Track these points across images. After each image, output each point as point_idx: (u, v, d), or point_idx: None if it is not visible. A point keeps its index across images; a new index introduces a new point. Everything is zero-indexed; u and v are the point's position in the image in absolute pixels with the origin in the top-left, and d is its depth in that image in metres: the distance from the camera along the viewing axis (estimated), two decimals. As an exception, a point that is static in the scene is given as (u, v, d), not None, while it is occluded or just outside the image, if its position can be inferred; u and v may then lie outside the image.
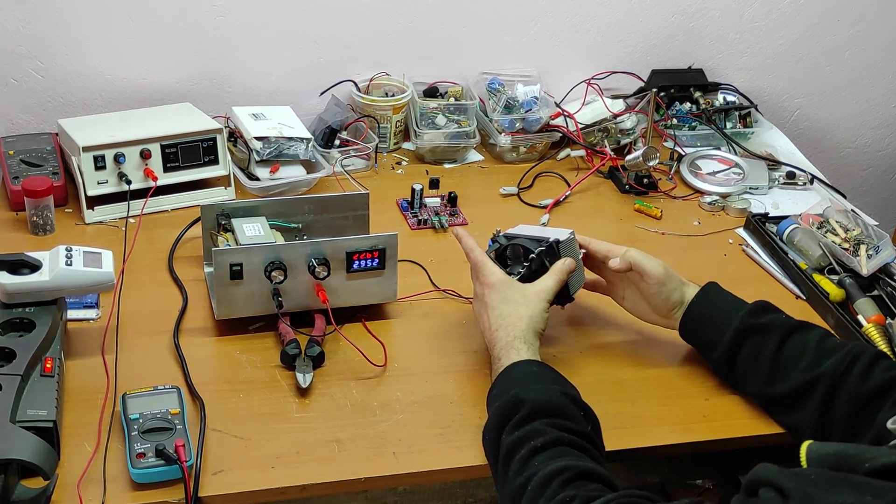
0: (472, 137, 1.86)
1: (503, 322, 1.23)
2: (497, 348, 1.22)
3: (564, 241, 1.32)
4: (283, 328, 1.32)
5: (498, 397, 1.14)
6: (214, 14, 1.80)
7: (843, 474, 0.81)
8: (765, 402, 1.26)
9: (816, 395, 1.18)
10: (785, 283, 1.56)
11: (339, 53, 1.90)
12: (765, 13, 2.08)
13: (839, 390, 1.17)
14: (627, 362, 1.35)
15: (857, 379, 1.16)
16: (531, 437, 1.06)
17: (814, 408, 1.18)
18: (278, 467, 1.13)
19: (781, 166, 1.90)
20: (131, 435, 1.11)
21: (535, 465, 1.03)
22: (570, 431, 1.07)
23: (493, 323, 1.24)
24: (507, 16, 1.95)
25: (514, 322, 1.23)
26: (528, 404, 1.09)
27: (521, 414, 1.09)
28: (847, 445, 0.86)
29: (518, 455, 1.05)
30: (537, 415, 1.08)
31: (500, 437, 1.09)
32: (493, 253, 1.34)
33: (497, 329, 1.23)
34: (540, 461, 1.03)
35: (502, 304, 1.25)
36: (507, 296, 1.26)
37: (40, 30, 1.73)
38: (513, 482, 1.04)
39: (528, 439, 1.06)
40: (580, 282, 1.36)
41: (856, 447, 0.85)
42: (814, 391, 1.19)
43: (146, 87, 1.83)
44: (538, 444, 1.05)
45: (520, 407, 1.09)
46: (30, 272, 1.23)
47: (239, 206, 1.45)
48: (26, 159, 1.64)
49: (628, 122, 1.91)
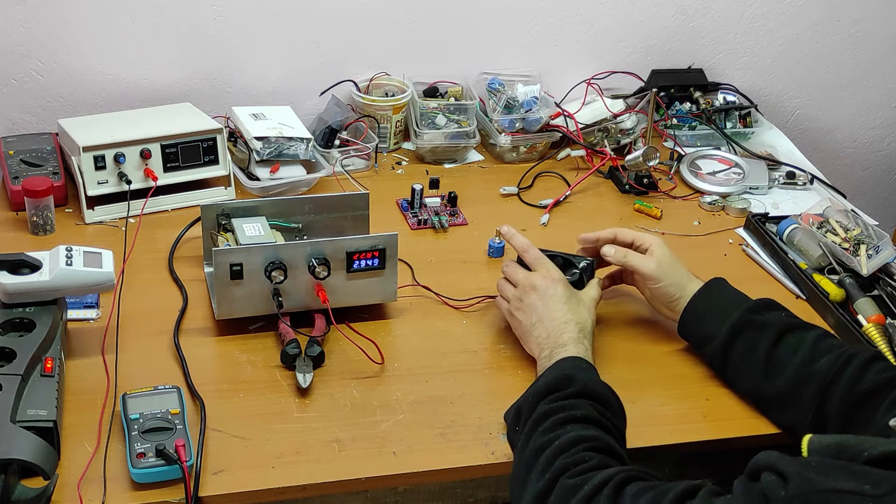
0: (472, 137, 1.86)
1: (574, 318, 1.26)
2: (566, 337, 1.24)
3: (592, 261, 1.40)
4: (283, 328, 1.32)
5: (552, 372, 1.17)
6: (214, 14, 1.80)
7: (843, 462, 0.83)
8: (759, 400, 1.27)
9: (809, 394, 1.19)
10: (785, 283, 1.56)
11: (339, 53, 1.90)
12: (765, 13, 2.08)
13: (833, 390, 1.17)
14: (627, 362, 1.35)
15: (851, 379, 1.16)
16: (572, 408, 1.09)
17: (807, 407, 1.19)
18: (278, 467, 1.13)
19: (781, 166, 1.90)
20: (131, 435, 1.11)
21: (567, 429, 1.06)
22: (608, 420, 1.10)
23: (563, 316, 1.26)
24: (507, 16, 1.95)
25: (583, 321, 1.27)
26: (580, 384, 1.12)
27: (570, 389, 1.12)
28: (848, 437, 0.88)
29: (553, 417, 1.08)
30: (586, 395, 1.12)
31: (539, 402, 1.11)
32: None
33: (568, 322, 1.26)
34: (573, 428, 1.06)
35: (572, 301, 1.29)
36: (574, 293, 1.31)
37: (40, 30, 1.73)
38: (540, 438, 1.06)
39: (569, 409, 1.09)
40: None
41: (856, 438, 0.87)
42: (806, 390, 1.19)
43: (146, 87, 1.83)
44: (577, 414, 1.08)
45: (571, 384, 1.12)
46: (30, 272, 1.23)
47: (239, 206, 1.45)
48: (26, 159, 1.64)
49: (628, 122, 1.91)
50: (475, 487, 1.22)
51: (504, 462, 1.17)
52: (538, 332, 1.27)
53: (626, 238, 1.40)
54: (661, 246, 1.37)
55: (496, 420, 1.22)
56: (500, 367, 1.33)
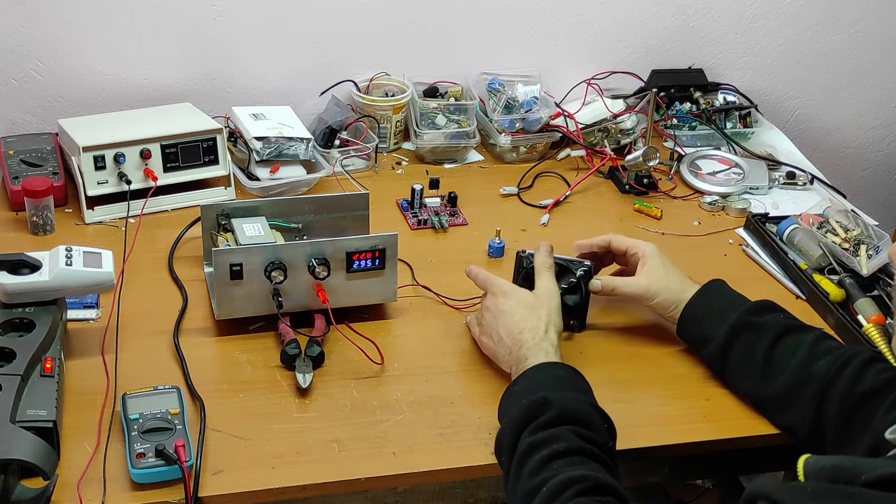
0: (472, 137, 1.86)
1: (527, 325, 1.24)
2: (524, 349, 1.22)
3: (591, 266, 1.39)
4: (283, 328, 1.32)
5: (524, 395, 1.14)
6: (214, 14, 1.80)
7: (839, 486, 0.81)
8: (758, 402, 1.27)
9: (807, 396, 1.18)
10: (785, 284, 1.56)
11: (339, 53, 1.90)
12: (765, 13, 2.08)
13: (831, 391, 1.17)
14: (627, 362, 1.35)
15: (849, 380, 1.16)
16: (554, 441, 1.06)
17: (806, 408, 1.18)
18: (278, 467, 1.13)
19: (781, 166, 1.90)
20: (131, 435, 1.11)
21: (553, 468, 1.03)
22: (592, 443, 1.07)
23: (515, 327, 1.25)
24: (507, 16, 1.95)
25: (536, 323, 1.24)
26: (556, 408, 1.09)
27: (547, 416, 1.09)
28: (843, 458, 0.87)
29: (537, 455, 1.05)
30: (563, 420, 1.09)
31: (521, 435, 1.09)
32: (524, 272, 1.38)
33: (521, 332, 1.24)
34: (559, 466, 1.03)
35: (520, 308, 1.27)
36: (521, 299, 1.28)
37: (40, 30, 1.73)
38: (527, 481, 1.04)
39: (551, 442, 1.06)
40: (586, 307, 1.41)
41: (852, 459, 0.85)
42: (805, 391, 1.19)
43: (146, 87, 1.82)
44: (560, 448, 1.05)
45: (546, 409, 1.10)
46: (30, 272, 1.23)
47: (239, 206, 1.45)
48: (26, 159, 1.64)
49: (628, 122, 1.91)
50: (475, 487, 1.22)
51: (504, 462, 1.17)
52: (502, 351, 1.27)
53: (620, 247, 1.39)
54: (653, 256, 1.36)
55: (496, 420, 1.22)
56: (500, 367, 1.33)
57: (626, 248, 1.39)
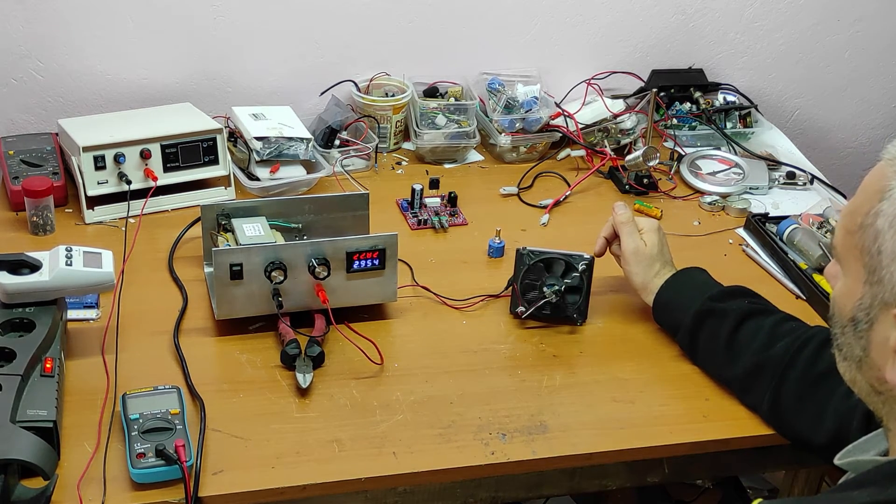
0: (472, 137, 1.86)
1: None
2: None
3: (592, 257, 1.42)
4: (283, 328, 1.32)
5: None
6: (214, 14, 1.80)
7: None
8: (723, 385, 1.30)
9: (766, 378, 1.22)
10: (785, 283, 1.56)
11: (339, 53, 1.90)
12: (765, 13, 2.08)
13: (789, 374, 1.20)
14: (627, 362, 1.36)
15: (806, 361, 1.19)
16: None
17: (764, 390, 1.22)
18: (278, 467, 1.13)
19: (781, 166, 1.90)
20: (131, 435, 1.11)
21: None
22: None
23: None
24: (507, 16, 1.95)
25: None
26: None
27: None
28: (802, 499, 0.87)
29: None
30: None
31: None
32: (525, 269, 1.39)
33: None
34: None
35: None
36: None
37: (40, 30, 1.73)
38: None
39: None
40: None
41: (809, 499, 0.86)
42: (763, 374, 1.22)
43: (146, 87, 1.82)
44: None
45: None
46: (30, 272, 1.23)
47: (239, 206, 1.45)
48: (26, 159, 1.64)
49: (628, 122, 1.91)
50: (475, 487, 1.22)
51: (504, 462, 1.17)
52: None
53: None
54: (651, 232, 1.40)
55: (496, 420, 1.22)
56: (500, 367, 1.33)
57: None
